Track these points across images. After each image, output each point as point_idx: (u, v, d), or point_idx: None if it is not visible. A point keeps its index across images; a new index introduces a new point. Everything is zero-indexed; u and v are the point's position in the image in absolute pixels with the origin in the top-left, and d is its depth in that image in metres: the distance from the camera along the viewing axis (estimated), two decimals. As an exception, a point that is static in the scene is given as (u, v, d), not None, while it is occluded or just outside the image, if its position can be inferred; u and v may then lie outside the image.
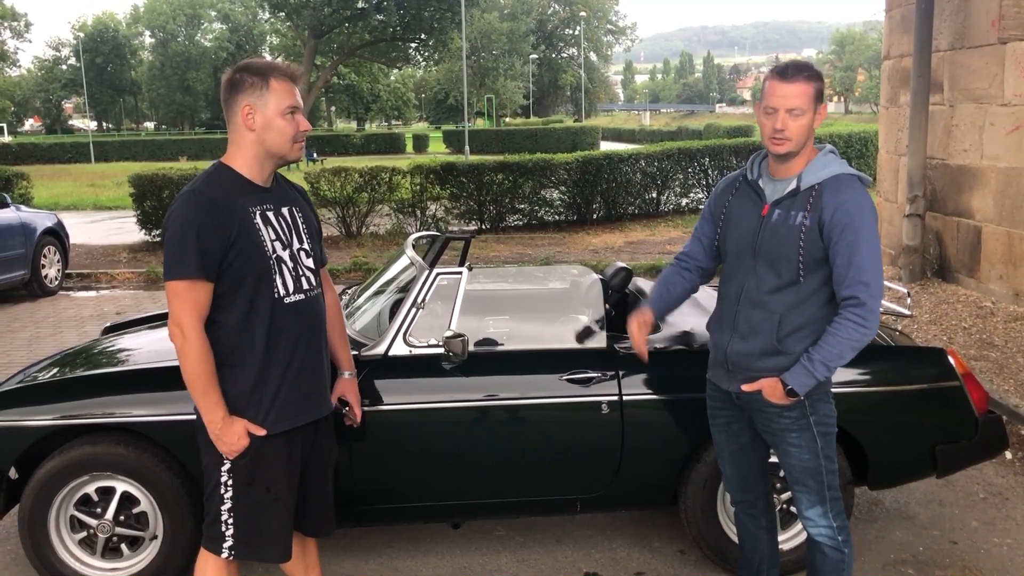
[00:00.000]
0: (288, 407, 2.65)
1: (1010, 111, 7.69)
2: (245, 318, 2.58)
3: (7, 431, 3.40)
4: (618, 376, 3.49)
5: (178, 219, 2.51)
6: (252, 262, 2.56)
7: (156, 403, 3.36)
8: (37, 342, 7.76)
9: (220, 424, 2.57)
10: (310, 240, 2.75)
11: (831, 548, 2.82)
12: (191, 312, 2.50)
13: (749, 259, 2.77)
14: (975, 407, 3.63)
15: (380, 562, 3.77)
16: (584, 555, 3.82)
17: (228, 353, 2.58)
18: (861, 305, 2.58)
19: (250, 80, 2.56)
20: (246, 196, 2.60)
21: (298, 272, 2.67)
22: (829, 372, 2.65)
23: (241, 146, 2.62)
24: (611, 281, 4.23)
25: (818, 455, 2.76)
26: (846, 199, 2.59)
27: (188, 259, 2.47)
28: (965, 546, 3.87)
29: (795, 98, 2.60)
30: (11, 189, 14.65)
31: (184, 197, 2.54)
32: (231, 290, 2.56)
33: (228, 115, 2.61)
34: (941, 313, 7.67)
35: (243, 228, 2.54)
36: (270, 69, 2.59)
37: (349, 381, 3.01)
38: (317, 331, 2.75)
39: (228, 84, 2.60)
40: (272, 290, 2.60)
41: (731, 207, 2.86)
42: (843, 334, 2.60)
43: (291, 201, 2.74)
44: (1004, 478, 4.58)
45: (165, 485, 3.36)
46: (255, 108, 2.57)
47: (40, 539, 3.40)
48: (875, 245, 2.59)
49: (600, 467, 3.52)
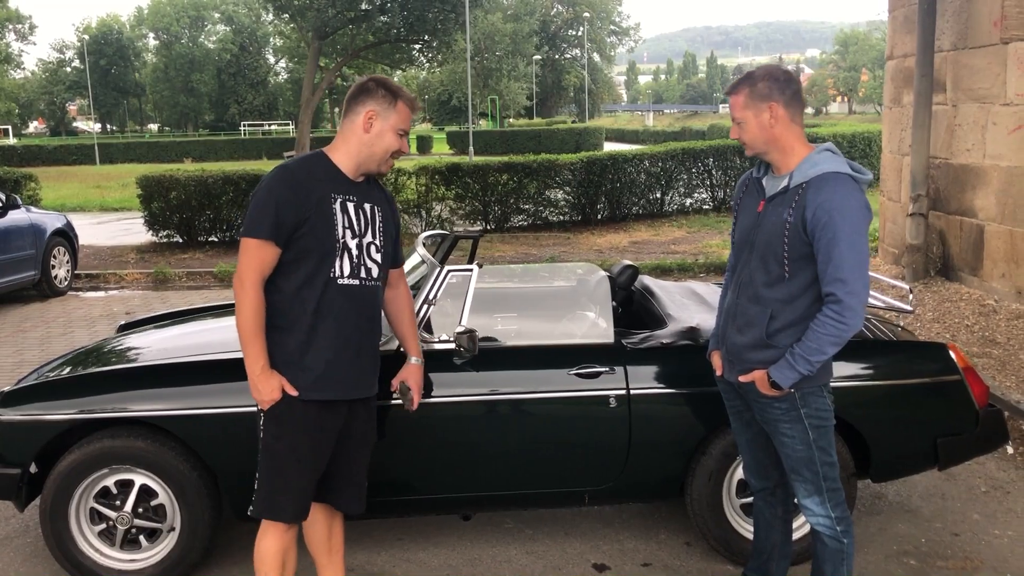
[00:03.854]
0: (326, 380, 2.84)
1: (1012, 111, 7.75)
2: (300, 288, 2.81)
3: (29, 425, 3.49)
4: (625, 371, 3.56)
5: (265, 186, 2.79)
6: (320, 241, 2.80)
7: (174, 398, 3.44)
8: (48, 341, 7.85)
9: (259, 373, 2.78)
10: (383, 238, 2.97)
11: (830, 538, 2.89)
12: (255, 268, 2.77)
13: (747, 253, 2.86)
14: (976, 401, 3.70)
15: (392, 553, 3.85)
16: (592, 547, 3.89)
17: (280, 315, 2.82)
18: (838, 302, 2.64)
19: (383, 92, 2.87)
20: (333, 183, 2.86)
21: (361, 261, 2.89)
22: (811, 366, 2.71)
23: (349, 142, 2.89)
24: (618, 279, 4.31)
25: (811, 446, 2.83)
26: (827, 197, 2.65)
27: (264, 222, 2.74)
28: (967, 538, 3.94)
29: (734, 109, 2.82)
30: (20, 191, 14.74)
31: (277, 170, 2.86)
32: (295, 260, 2.80)
33: (347, 113, 2.89)
34: (944, 311, 7.73)
35: (320, 209, 2.80)
36: (401, 92, 2.90)
37: (415, 367, 3.19)
38: (366, 317, 2.93)
39: (360, 87, 2.90)
40: (330, 269, 2.83)
41: (741, 203, 2.97)
42: (821, 329, 2.67)
43: (375, 200, 2.98)
44: (1006, 472, 4.65)
45: (183, 478, 3.44)
46: (378, 116, 2.85)
47: (61, 530, 3.49)
48: (857, 242, 2.63)
49: (608, 460, 3.59)
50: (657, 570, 3.69)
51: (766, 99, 2.75)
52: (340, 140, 2.92)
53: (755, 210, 2.86)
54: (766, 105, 2.75)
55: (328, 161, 2.89)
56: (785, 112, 2.77)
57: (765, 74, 2.79)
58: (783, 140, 2.79)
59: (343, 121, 2.91)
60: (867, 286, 2.70)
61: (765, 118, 2.76)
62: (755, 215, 2.85)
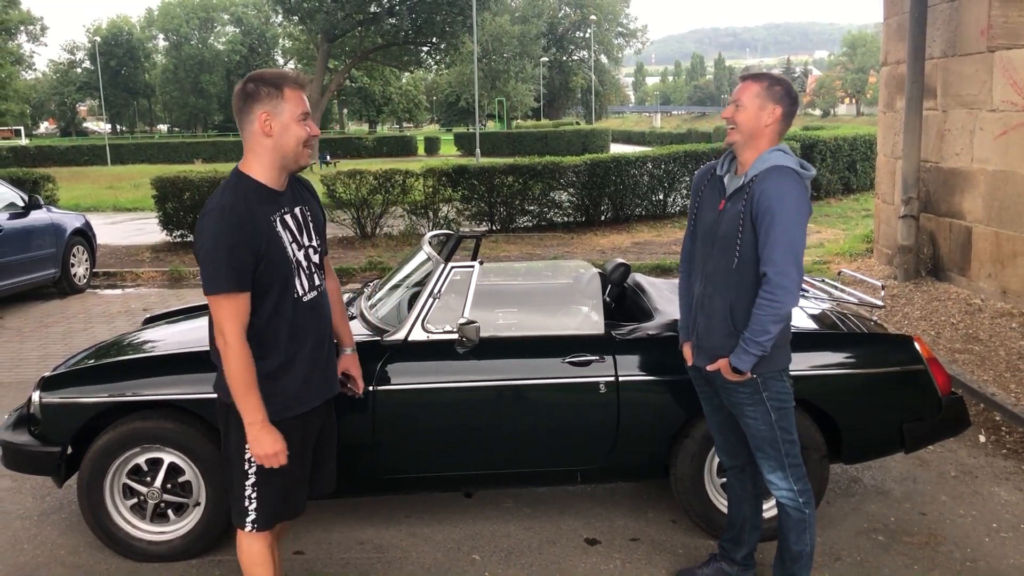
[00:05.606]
0: (306, 392, 2.91)
1: (998, 116, 8.04)
2: (270, 318, 2.78)
3: (68, 407, 3.81)
4: (614, 360, 3.87)
5: (209, 236, 2.65)
6: (278, 269, 2.76)
7: (201, 382, 3.73)
8: (71, 336, 8.19)
9: (260, 427, 2.74)
10: (317, 236, 2.97)
11: (793, 509, 3.20)
12: (233, 321, 2.68)
13: (710, 247, 3.15)
14: (939, 388, 4.00)
15: (399, 528, 4.16)
16: (585, 524, 4.20)
17: (256, 346, 2.77)
18: (769, 281, 2.92)
19: (265, 90, 2.72)
20: (267, 204, 2.76)
21: (310, 270, 2.90)
22: (762, 347, 2.97)
23: (258, 152, 2.77)
24: (611, 276, 4.62)
25: (773, 426, 3.13)
26: (769, 186, 2.92)
27: (223, 275, 2.64)
28: (933, 517, 4.24)
29: (739, 93, 3.07)
30: (38, 191, 15.10)
31: (213, 215, 2.68)
32: (260, 294, 2.74)
33: (243, 124, 2.76)
34: (932, 310, 8.01)
35: (270, 239, 2.73)
36: (282, 78, 2.76)
37: (351, 356, 3.28)
38: (325, 321, 3.00)
39: (243, 94, 2.74)
40: (293, 291, 2.82)
41: (702, 198, 3.25)
42: (760, 311, 2.95)
43: (301, 200, 2.93)
44: (976, 459, 4.94)
45: (208, 457, 3.75)
46: (272, 115, 2.72)
47: (96, 504, 3.80)
48: (791, 228, 2.89)
49: (598, 441, 3.90)
50: (644, 544, 4.00)
51: (776, 100, 3.04)
52: (250, 155, 2.79)
53: (716, 209, 3.15)
54: (773, 105, 3.04)
55: (252, 181, 2.77)
56: (780, 120, 3.05)
57: (786, 82, 3.08)
58: (761, 141, 3.06)
59: (244, 135, 2.78)
60: (799, 269, 2.94)
61: (766, 114, 3.04)
62: (716, 214, 3.14)
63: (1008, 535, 4.04)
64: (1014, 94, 7.75)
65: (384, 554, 3.93)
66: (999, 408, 5.53)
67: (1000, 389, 5.81)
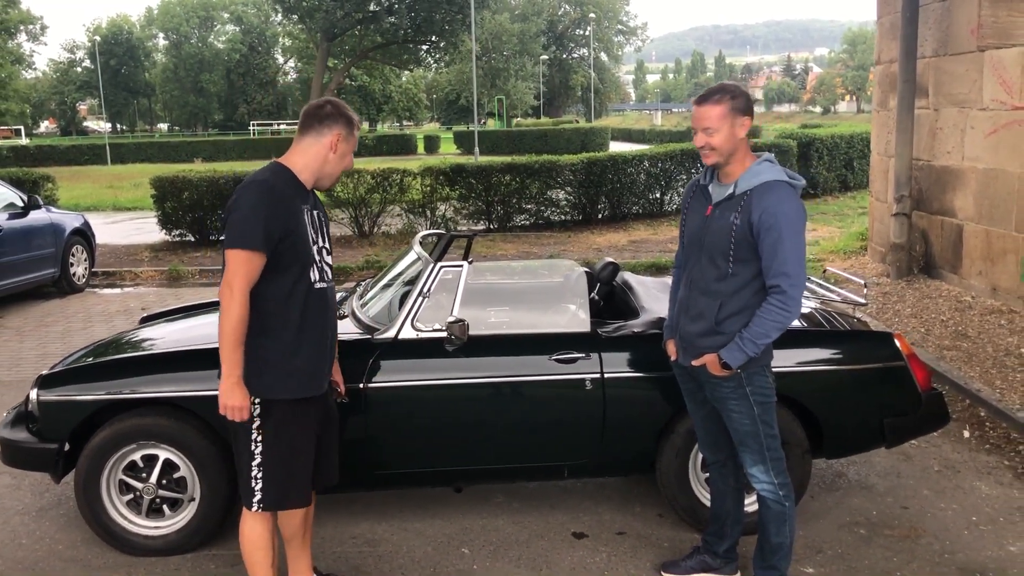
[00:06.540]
0: (314, 377, 3.15)
1: (988, 115, 8.11)
2: (287, 296, 3.03)
3: (65, 405, 3.89)
4: (600, 357, 3.95)
5: (247, 200, 2.95)
6: (299, 251, 3.03)
7: (196, 380, 3.82)
8: (70, 335, 8.27)
9: (236, 382, 2.98)
10: (327, 239, 3.25)
11: (773, 501, 3.29)
12: (244, 278, 2.93)
13: (697, 252, 3.25)
14: (919, 384, 4.08)
15: (392, 523, 4.25)
16: (573, 518, 4.28)
17: (267, 320, 3.02)
18: (782, 292, 3.05)
19: (346, 119, 3.12)
20: (301, 195, 3.09)
21: (323, 265, 3.17)
22: (758, 348, 3.11)
23: (312, 157, 3.10)
24: (600, 274, 4.70)
25: (756, 421, 3.22)
26: (771, 203, 3.05)
27: (253, 233, 2.91)
28: (915, 511, 4.32)
29: (707, 119, 3.11)
30: (38, 191, 15.16)
31: (253, 187, 2.98)
32: (281, 270, 3.00)
33: (313, 132, 3.09)
34: (923, 307, 8.09)
35: (299, 221, 3.03)
36: (356, 120, 3.17)
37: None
38: (333, 313, 3.27)
39: (324, 112, 3.09)
40: (309, 277, 3.08)
41: (689, 207, 3.36)
42: (768, 316, 3.08)
43: (319, 206, 3.24)
44: (959, 454, 5.02)
45: (203, 453, 3.83)
46: (343, 139, 3.11)
47: (93, 500, 3.88)
48: (797, 241, 3.05)
49: (584, 437, 3.98)
50: (631, 538, 4.08)
51: (742, 113, 3.13)
52: (299, 155, 3.10)
53: (703, 214, 3.25)
54: (741, 119, 3.13)
55: (291, 173, 3.09)
56: (746, 127, 3.15)
57: (740, 91, 3.16)
58: (739, 151, 3.17)
59: (304, 137, 3.10)
60: (804, 279, 3.11)
61: (738, 128, 3.13)
62: (703, 219, 3.24)
63: (987, 528, 4.12)
64: (1004, 93, 7.82)
65: (376, 548, 4.02)
66: (984, 404, 5.61)
67: (985, 385, 5.89)
